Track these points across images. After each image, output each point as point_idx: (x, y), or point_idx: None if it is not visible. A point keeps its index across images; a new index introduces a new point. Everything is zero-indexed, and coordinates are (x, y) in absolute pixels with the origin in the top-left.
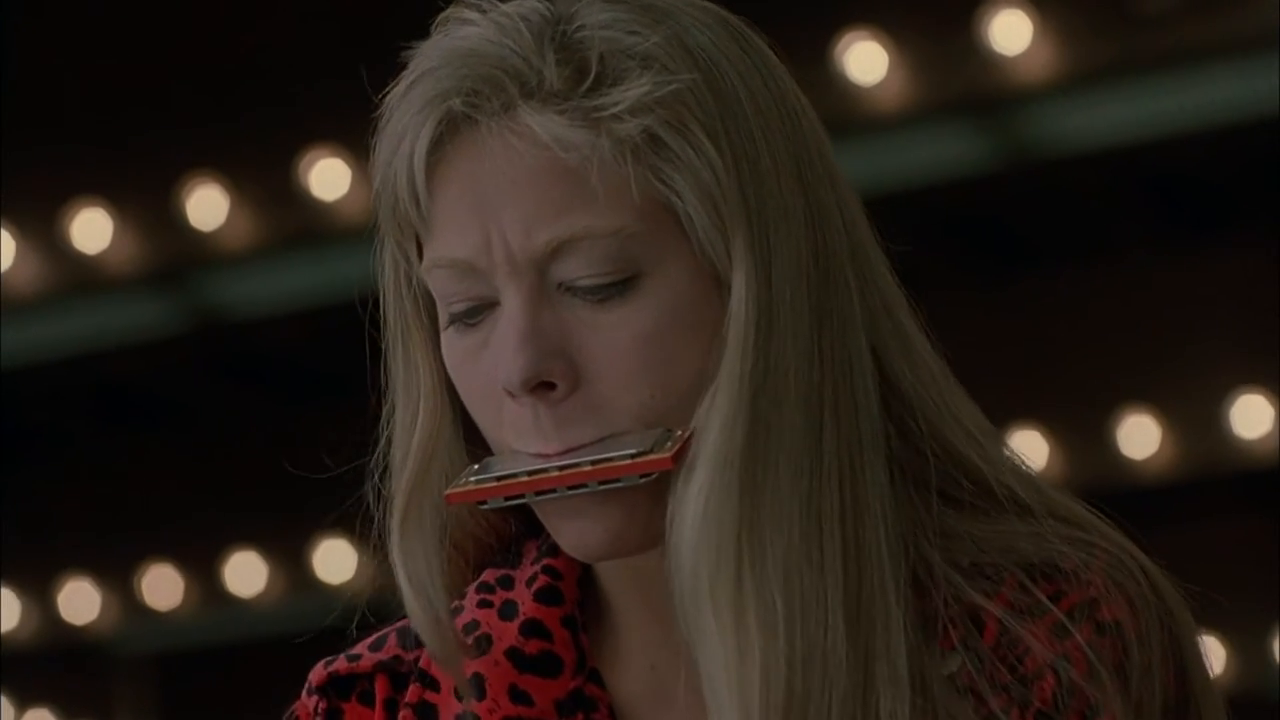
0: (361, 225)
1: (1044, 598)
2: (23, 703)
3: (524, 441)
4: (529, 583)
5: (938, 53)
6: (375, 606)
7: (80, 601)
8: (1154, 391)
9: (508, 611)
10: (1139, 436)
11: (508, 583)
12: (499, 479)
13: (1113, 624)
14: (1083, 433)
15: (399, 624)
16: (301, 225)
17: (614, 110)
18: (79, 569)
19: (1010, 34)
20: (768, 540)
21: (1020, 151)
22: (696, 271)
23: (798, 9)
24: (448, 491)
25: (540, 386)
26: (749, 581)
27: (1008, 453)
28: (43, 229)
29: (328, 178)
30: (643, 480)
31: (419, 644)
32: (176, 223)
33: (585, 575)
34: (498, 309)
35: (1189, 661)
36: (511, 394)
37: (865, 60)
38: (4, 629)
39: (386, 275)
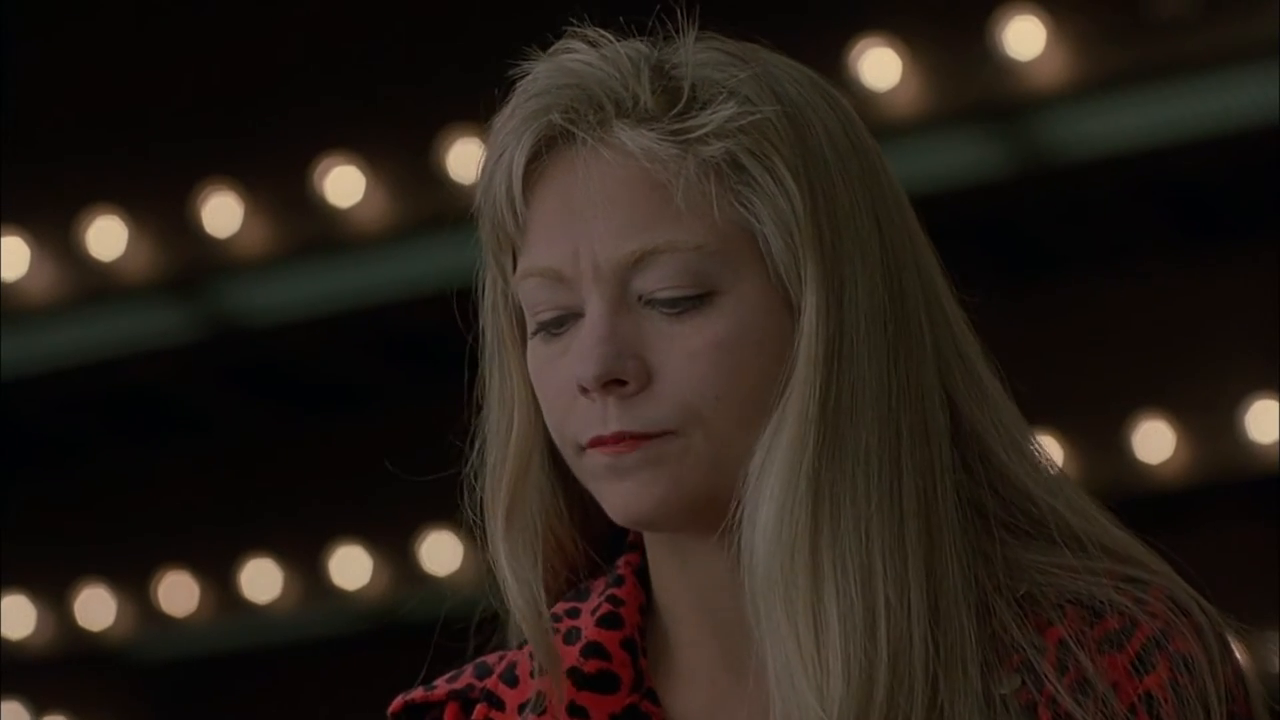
0: (375, 233)
1: (1095, 636)
2: (39, 709)
3: (587, 430)
4: (593, 612)
5: (952, 59)
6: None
7: (96, 608)
8: (1168, 397)
9: (571, 637)
10: (1153, 441)
11: (575, 613)
12: None
13: (1188, 657)
14: (1097, 438)
15: (477, 661)
16: (316, 232)
17: (700, 132)
18: (95, 575)
19: (1024, 40)
20: (848, 548)
21: (1034, 157)
22: (770, 294)
23: (812, 15)
24: None
25: (612, 384)
26: (829, 586)
27: (1067, 488)
28: (58, 236)
29: (342, 185)
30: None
31: (490, 674)
32: (191, 230)
33: (648, 604)
34: (581, 321)
35: (1250, 687)
36: (585, 389)
37: (879, 66)
38: (20, 635)
39: (486, 294)
